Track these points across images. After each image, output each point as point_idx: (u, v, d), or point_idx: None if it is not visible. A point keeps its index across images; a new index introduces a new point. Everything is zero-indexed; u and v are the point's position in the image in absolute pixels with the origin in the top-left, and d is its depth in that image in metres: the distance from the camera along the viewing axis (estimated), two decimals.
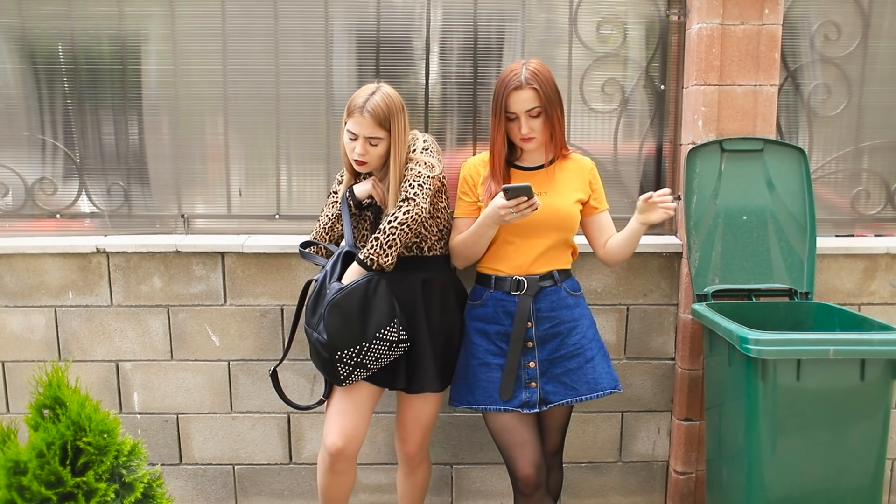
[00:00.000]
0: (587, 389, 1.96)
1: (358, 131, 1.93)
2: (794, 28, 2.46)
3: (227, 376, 2.52)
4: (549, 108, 1.90)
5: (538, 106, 1.89)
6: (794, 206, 2.33)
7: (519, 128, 1.92)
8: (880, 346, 1.85)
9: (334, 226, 2.11)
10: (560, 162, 2.01)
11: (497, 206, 1.80)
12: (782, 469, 1.94)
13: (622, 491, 2.64)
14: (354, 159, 1.97)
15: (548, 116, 1.91)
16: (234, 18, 2.43)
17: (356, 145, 1.94)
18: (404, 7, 2.45)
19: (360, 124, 1.92)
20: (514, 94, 1.89)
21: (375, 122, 1.92)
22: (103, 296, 2.47)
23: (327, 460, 2.00)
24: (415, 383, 2.03)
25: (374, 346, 1.89)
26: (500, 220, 1.84)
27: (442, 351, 2.06)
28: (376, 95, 1.93)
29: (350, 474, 2.05)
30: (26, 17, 2.41)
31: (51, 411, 1.36)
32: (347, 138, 1.97)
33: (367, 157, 1.95)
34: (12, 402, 2.52)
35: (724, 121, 2.34)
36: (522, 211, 1.78)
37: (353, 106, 1.94)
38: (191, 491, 2.59)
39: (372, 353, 1.90)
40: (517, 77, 1.88)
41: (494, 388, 1.95)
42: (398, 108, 1.95)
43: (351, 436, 1.98)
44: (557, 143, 1.96)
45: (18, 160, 2.49)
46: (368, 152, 1.95)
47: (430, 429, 2.15)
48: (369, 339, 1.88)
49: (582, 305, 2.03)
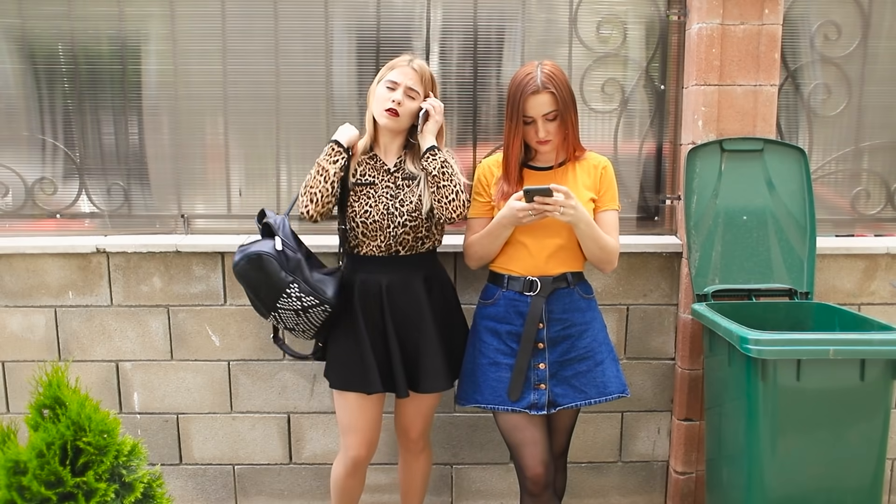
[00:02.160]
0: (596, 393, 1.95)
1: (401, 80, 1.96)
2: (794, 28, 2.46)
3: (227, 376, 2.52)
4: (564, 112, 1.90)
5: (555, 110, 1.89)
6: (794, 206, 2.33)
7: (536, 131, 1.91)
8: (880, 346, 1.85)
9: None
10: (574, 161, 2.00)
11: (516, 209, 1.82)
12: (782, 469, 1.94)
13: (622, 491, 2.64)
14: (388, 108, 1.95)
15: (563, 119, 1.91)
16: (234, 18, 2.43)
17: (394, 95, 1.95)
18: (404, 7, 2.45)
19: (406, 74, 1.97)
20: (532, 99, 1.87)
21: (418, 77, 1.98)
22: (103, 296, 2.47)
23: (350, 467, 2.08)
24: (425, 384, 2.04)
25: (281, 314, 1.93)
26: (518, 222, 1.86)
27: (450, 348, 2.08)
28: (419, 58, 2.02)
29: (364, 475, 2.16)
30: (26, 17, 2.41)
31: (51, 411, 1.36)
32: (384, 88, 1.97)
33: (402, 108, 1.96)
34: (12, 402, 2.52)
35: (724, 121, 2.34)
36: (540, 213, 1.80)
37: (393, 63, 2.00)
38: (191, 491, 2.59)
39: (288, 320, 1.94)
40: (534, 81, 1.87)
41: (503, 387, 1.94)
42: (434, 79, 2.05)
43: (372, 443, 2.09)
44: (571, 143, 1.95)
45: (18, 160, 2.49)
46: (404, 104, 1.97)
47: (432, 416, 2.18)
48: (274, 308, 1.92)
49: (594, 308, 2.03)
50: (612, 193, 2.03)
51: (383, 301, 2.00)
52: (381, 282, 2.00)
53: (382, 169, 2.04)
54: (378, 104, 1.98)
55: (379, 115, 1.98)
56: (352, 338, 2.00)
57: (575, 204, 1.81)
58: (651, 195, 2.56)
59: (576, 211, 1.81)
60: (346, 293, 2.01)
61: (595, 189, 2.00)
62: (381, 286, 2.00)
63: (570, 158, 1.98)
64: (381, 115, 1.97)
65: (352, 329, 2.00)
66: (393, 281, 2.01)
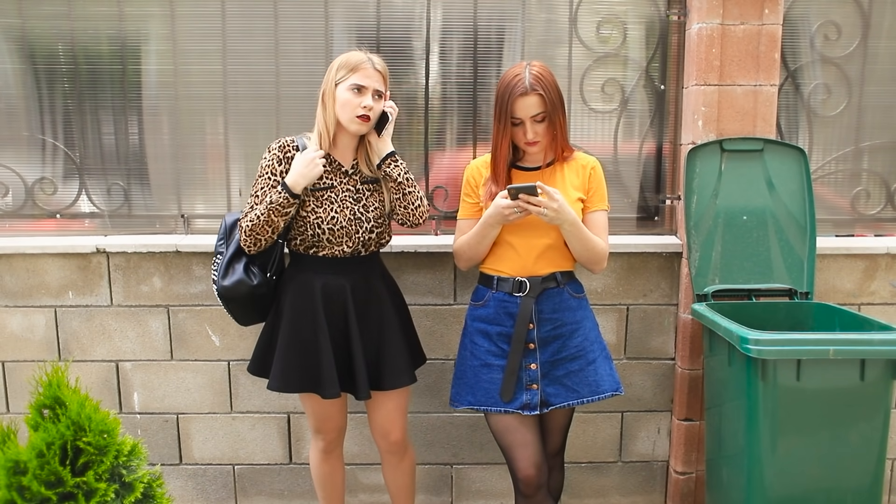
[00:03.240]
0: (588, 392, 1.95)
1: (368, 84, 1.89)
2: (794, 28, 2.46)
3: (227, 376, 2.52)
4: (552, 113, 1.89)
5: (543, 111, 1.88)
6: (794, 206, 2.33)
7: (524, 132, 1.91)
8: (880, 346, 1.85)
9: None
10: (562, 161, 2.00)
11: (501, 206, 1.82)
12: (782, 469, 1.94)
13: (622, 491, 2.64)
14: (360, 115, 1.89)
15: (551, 121, 1.91)
16: (234, 18, 2.43)
17: (364, 99, 1.89)
18: (404, 7, 2.45)
19: (371, 77, 1.90)
20: (520, 101, 1.86)
21: (382, 78, 1.93)
22: (103, 296, 2.47)
23: (323, 451, 2.15)
24: (390, 381, 2.02)
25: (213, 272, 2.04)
26: (504, 220, 1.85)
27: (410, 339, 2.11)
28: (372, 54, 1.94)
29: (342, 458, 2.23)
30: (26, 17, 2.41)
31: (51, 411, 1.36)
32: (350, 94, 1.88)
33: (372, 112, 1.92)
34: (12, 402, 2.52)
35: (724, 121, 2.34)
36: (525, 211, 1.80)
37: (353, 62, 1.89)
38: (191, 491, 2.59)
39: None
40: (522, 83, 1.86)
41: (495, 388, 1.95)
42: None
43: (341, 428, 2.16)
44: (559, 144, 1.95)
45: (18, 160, 2.49)
46: (374, 108, 1.92)
47: (407, 413, 2.17)
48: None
49: (585, 307, 2.03)
50: (601, 194, 2.01)
51: (347, 303, 1.97)
52: (345, 283, 1.97)
53: (339, 171, 1.99)
54: (347, 109, 1.90)
55: (349, 122, 1.91)
56: (309, 339, 1.96)
57: (558, 207, 1.80)
58: (651, 195, 2.56)
59: (559, 212, 1.81)
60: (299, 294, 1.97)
61: (583, 189, 1.99)
62: (346, 288, 1.97)
63: (558, 159, 1.98)
64: (353, 122, 1.91)
65: (311, 331, 1.96)
66: (356, 282, 1.99)
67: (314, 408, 2.07)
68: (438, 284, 2.47)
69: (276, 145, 1.98)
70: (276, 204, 1.86)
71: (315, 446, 2.16)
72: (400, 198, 2.00)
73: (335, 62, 1.94)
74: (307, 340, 1.96)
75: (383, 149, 1.98)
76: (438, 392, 2.53)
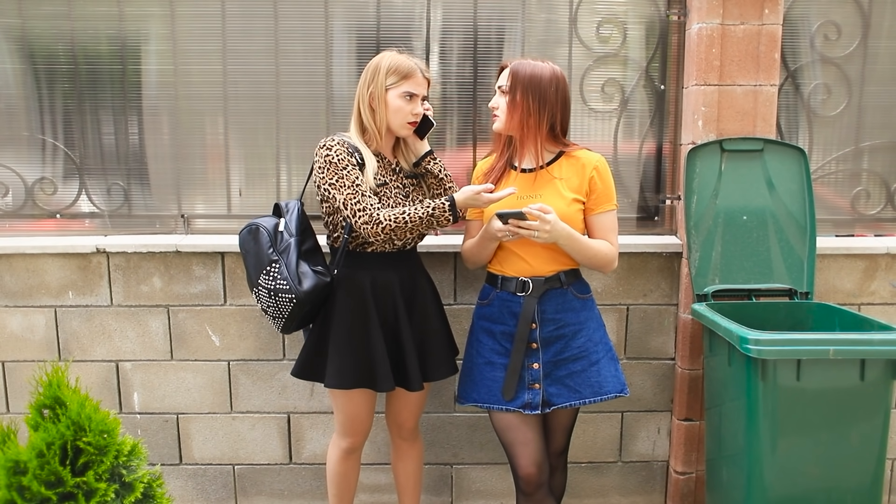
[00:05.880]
0: (591, 393, 1.95)
1: (419, 91, 1.99)
2: (794, 28, 2.46)
3: (227, 376, 2.52)
4: (516, 92, 1.89)
5: (510, 85, 1.91)
6: (794, 206, 2.33)
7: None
8: (880, 346, 1.85)
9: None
10: (560, 161, 1.96)
11: (494, 230, 1.87)
12: (782, 469, 1.94)
13: (622, 491, 2.64)
14: (410, 121, 2.00)
15: (513, 100, 1.90)
16: (234, 18, 2.43)
17: (415, 106, 1.99)
18: (404, 7, 2.45)
19: (421, 85, 2.00)
20: (501, 73, 1.97)
21: (428, 83, 2.04)
22: (103, 296, 2.47)
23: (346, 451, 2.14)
24: (436, 372, 2.09)
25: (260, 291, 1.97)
26: (498, 240, 1.91)
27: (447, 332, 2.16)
28: (419, 60, 2.04)
29: (360, 459, 2.23)
30: (26, 17, 2.41)
31: (51, 411, 1.36)
32: (402, 102, 1.97)
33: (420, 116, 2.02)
34: (12, 402, 2.52)
35: (724, 121, 2.34)
36: (516, 234, 1.84)
37: (403, 69, 1.96)
38: (191, 491, 2.59)
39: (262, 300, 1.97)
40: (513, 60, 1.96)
41: (498, 387, 1.95)
42: None
43: (368, 430, 2.16)
44: (532, 136, 1.91)
45: (18, 160, 2.49)
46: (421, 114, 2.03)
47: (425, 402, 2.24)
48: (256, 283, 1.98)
49: (589, 308, 2.01)
50: (607, 194, 1.96)
51: (396, 297, 2.02)
52: (393, 278, 2.03)
53: (390, 168, 2.05)
54: (399, 116, 1.98)
55: (400, 127, 2.00)
56: (362, 336, 1.99)
57: (550, 228, 1.80)
58: (651, 195, 2.56)
59: (551, 232, 1.81)
60: (350, 292, 2.00)
61: (582, 190, 1.94)
62: (394, 282, 2.03)
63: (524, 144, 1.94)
64: (403, 128, 2.00)
65: (362, 327, 1.99)
66: (403, 276, 2.05)
67: (350, 410, 2.07)
68: (439, 284, 2.46)
69: (334, 140, 1.96)
70: (435, 218, 1.91)
71: (337, 445, 2.16)
72: (441, 192, 2.11)
73: (382, 65, 1.96)
74: (360, 336, 1.99)
75: (421, 148, 2.09)
76: (439, 392, 2.53)
